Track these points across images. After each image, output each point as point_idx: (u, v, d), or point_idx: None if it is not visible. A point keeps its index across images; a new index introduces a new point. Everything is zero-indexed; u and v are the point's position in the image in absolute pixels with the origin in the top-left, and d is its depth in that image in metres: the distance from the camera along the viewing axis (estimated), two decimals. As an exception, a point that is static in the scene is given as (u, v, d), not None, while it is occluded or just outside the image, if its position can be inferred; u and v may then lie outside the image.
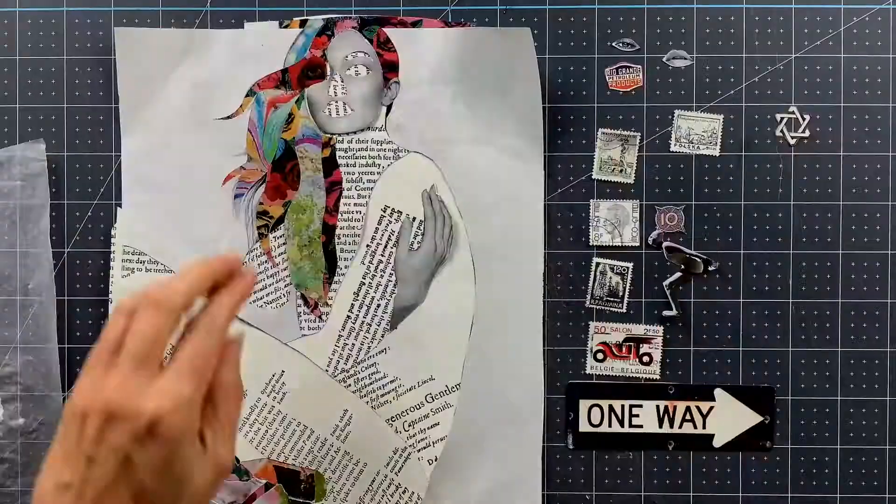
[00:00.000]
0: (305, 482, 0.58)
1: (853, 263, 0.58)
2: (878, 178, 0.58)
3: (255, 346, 0.57)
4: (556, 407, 0.58)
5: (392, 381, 0.58)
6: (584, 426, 0.58)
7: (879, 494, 0.58)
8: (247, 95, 0.57)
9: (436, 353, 0.57)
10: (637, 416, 0.58)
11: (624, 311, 0.58)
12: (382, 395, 0.58)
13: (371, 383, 0.58)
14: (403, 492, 0.58)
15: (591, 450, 0.58)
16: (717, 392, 0.58)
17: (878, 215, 0.58)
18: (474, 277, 0.57)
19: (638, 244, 0.58)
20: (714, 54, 0.58)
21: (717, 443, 0.58)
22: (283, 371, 0.58)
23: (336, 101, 0.55)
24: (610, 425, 0.58)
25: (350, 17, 0.57)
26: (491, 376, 0.58)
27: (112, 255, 0.58)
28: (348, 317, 0.57)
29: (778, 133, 0.58)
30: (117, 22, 0.58)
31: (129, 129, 0.58)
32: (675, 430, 0.58)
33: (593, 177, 0.58)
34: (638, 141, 0.58)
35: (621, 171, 0.58)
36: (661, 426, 0.58)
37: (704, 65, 0.58)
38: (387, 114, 0.57)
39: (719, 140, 0.58)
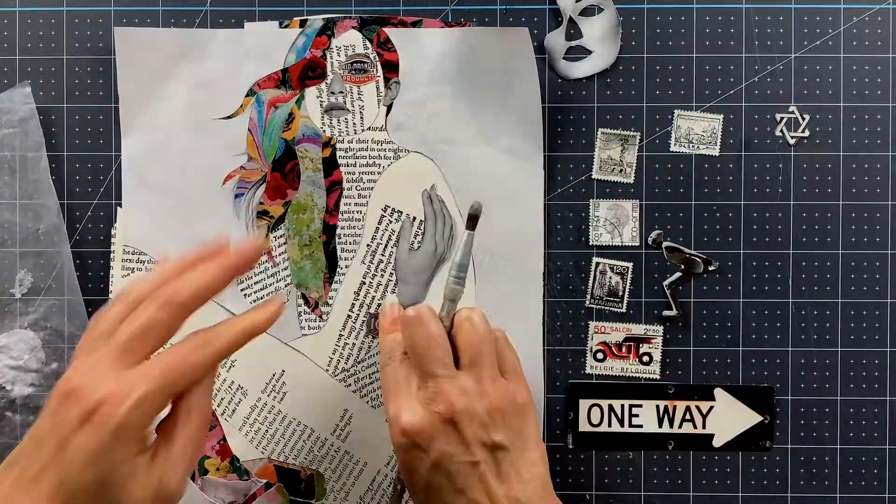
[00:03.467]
0: (305, 482, 0.58)
1: (853, 263, 0.58)
2: (878, 178, 0.58)
3: (255, 345, 0.58)
4: (555, 406, 0.58)
5: (392, 381, 0.58)
6: (583, 426, 0.58)
7: (879, 494, 0.58)
8: (247, 95, 0.58)
9: (436, 352, 0.57)
10: (637, 415, 0.58)
11: (624, 310, 0.58)
12: (382, 395, 0.58)
13: (371, 383, 0.58)
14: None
15: (591, 449, 0.58)
16: (717, 392, 0.58)
17: (878, 215, 0.58)
18: (474, 277, 0.57)
19: (638, 244, 0.58)
20: (714, 54, 0.58)
21: (716, 443, 0.58)
22: (283, 371, 0.58)
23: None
24: (610, 425, 0.58)
25: (350, 17, 0.57)
26: (491, 376, 0.57)
27: (112, 255, 0.58)
28: (349, 316, 0.57)
29: (778, 133, 0.58)
30: (117, 22, 0.58)
31: (129, 129, 0.58)
32: (675, 429, 0.58)
33: (593, 176, 0.58)
34: (638, 141, 0.58)
35: (621, 170, 0.58)
36: (660, 426, 0.58)
37: (704, 65, 0.58)
38: (387, 114, 0.57)
39: (719, 140, 0.58)
